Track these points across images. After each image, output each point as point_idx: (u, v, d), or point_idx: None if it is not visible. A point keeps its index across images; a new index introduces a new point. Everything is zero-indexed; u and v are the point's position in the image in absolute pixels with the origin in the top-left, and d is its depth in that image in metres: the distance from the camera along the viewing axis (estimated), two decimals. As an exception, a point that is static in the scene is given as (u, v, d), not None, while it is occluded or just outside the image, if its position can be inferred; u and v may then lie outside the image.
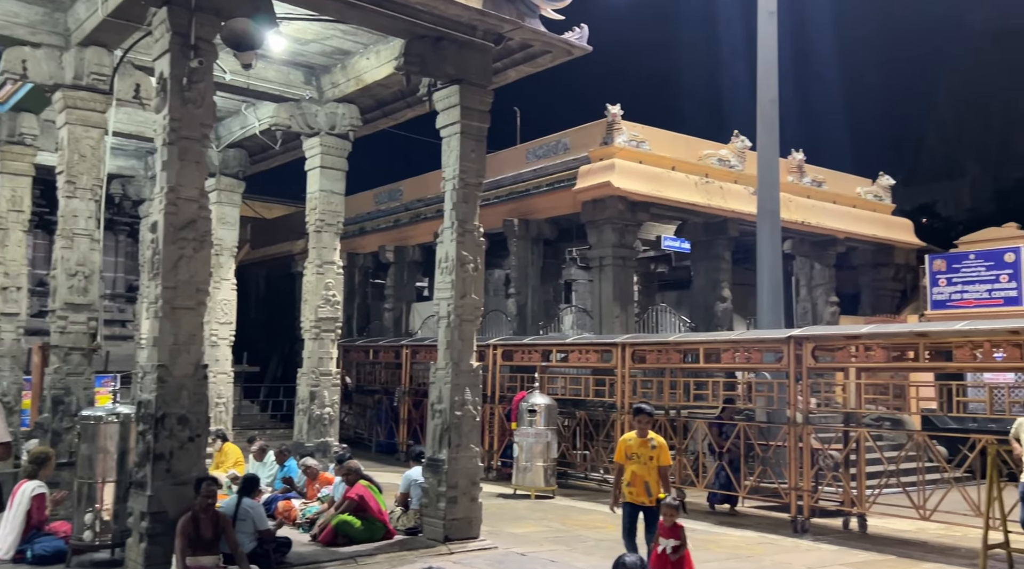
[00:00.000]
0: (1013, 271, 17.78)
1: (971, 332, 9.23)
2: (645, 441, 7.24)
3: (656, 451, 7.20)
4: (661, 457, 7.20)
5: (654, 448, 7.21)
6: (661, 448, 7.24)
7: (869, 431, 10.86)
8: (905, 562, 8.43)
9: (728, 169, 18.24)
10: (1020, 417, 8.33)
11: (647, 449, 7.20)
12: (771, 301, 13.58)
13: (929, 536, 9.66)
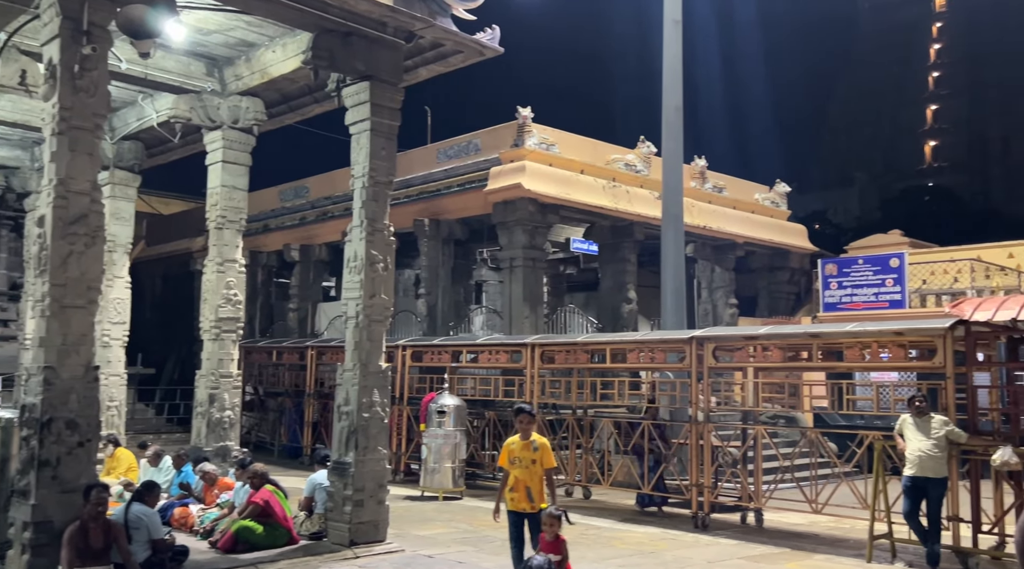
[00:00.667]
0: (897, 275, 18.81)
1: (860, 333, 9.71)
2: (527, 443, 6.75)
3: (539, 454, 6.70)
4: (544, 459, 6.70)
5: (536, 450, 6.71)
6: (544, 450, 6.75)
7: (766, 429, 11.28)
8: (799, 554, 8.79)
9: (634, 174, 18.65)
10: (903, 414, 8.80)
11: (529, 452, 6.71)
12: (675, 303, 13.96)
13: (820, 528, 10.12)
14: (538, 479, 6.67)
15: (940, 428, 8.31)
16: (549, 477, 6.75)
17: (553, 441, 12.83)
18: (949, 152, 67.72)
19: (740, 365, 11.41)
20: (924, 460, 8.20)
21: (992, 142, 66.09)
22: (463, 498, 12.13)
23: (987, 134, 66.29)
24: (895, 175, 67.27)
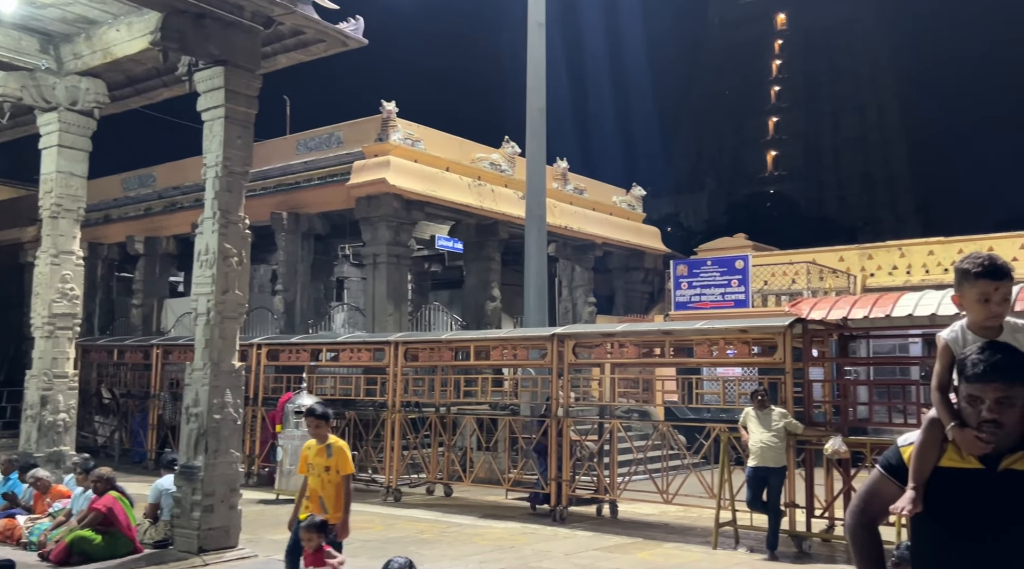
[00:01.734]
0: (742, 276, 19.95)
1: (708, 331, 10.22)
2: (322, 449, 6.10)
3: (333, 459, 6.05)
4: (341, 465, 6.06)
5: (331, 456, 6.06)
6: (340, 455, 6.09)
7: (621, 422, 11.67)
8: (650, 544, 9.15)
9: (499, 173, 18.82)
10: (747, 407, 9.34)
11: (323, 458, 6.07)
12: (537, 301, 14.17)
13: (671, 518, 10.58)
14: (333, 487, 6.06)
15: (779, 420, 8.86)
16: (346, 484, 6.10)
17: (415, 439, 12.76)
18: (788, 161, 72.76)
19: (598, 361, 11.74)
20: (765, 451, 8.73)
21: (826, 153, 71.61)
22: (321, 500, 11.80)
23: (822, 146, 71.76)
24: (741, 182, 71.58)
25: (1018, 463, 2.09)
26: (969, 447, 2.14)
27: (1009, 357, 2.11)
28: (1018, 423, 2.09)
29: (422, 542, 8.95)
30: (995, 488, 2.08)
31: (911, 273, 21.23)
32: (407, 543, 8.81)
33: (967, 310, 2.28)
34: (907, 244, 22.13)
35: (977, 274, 2.21)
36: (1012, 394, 2.07)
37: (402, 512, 10.97)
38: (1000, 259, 2.25)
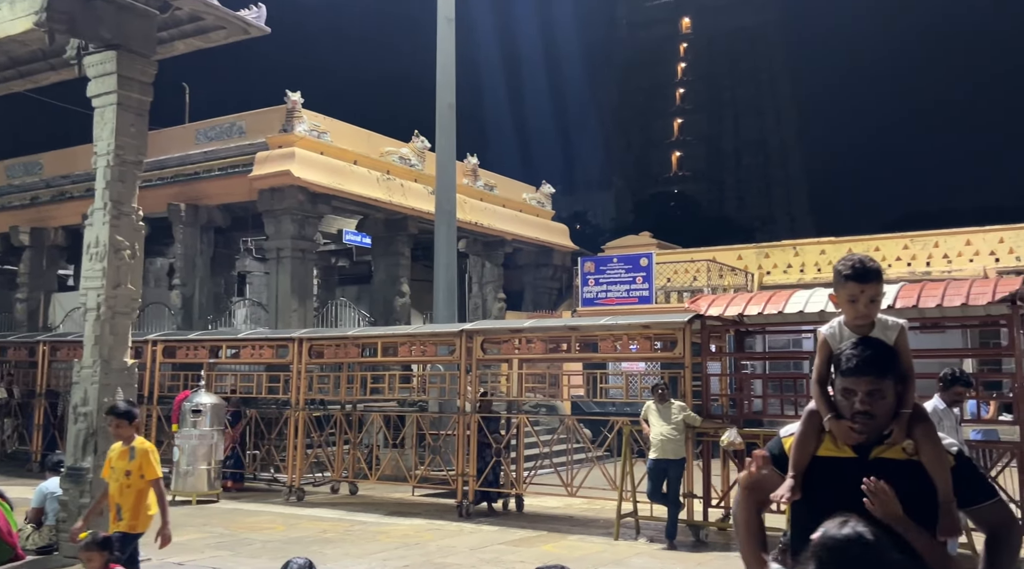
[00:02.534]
0: (646, 273, 20.44)
1: (613, 327, 10.44)
2: (125, 450, 5.60)
3: (136, 463, 5.55)
4: (145, 469, 5.55)
5: (133, 459, 5.56)
6: (143, 457, 5.57)
7: (528, 417, 11.78)
8: (554, 536, 9.28)
9: (409, 167, 18.67)
10: (648, 401, 9.58)
11: (125, 461, 5.57)
12: (446, 297, 14.15)
13: (575, 510, 10.75)
14: (133, 494, 5.55)
15: (679, 413, 9.13)
16: (156, 488, 5.63)
17: (320, 437, 12.53)
18: (692, 162, 74.97)
19: (506, 357, 11.83)
20: (665, 443, 8.98)
21: (727, 155, 74.13)
22: (219, 501, 11.46)
23: (723, 148, 74.25)
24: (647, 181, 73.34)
25: (888, 452, 2.23)
26: (844, 437, 2.26)
27: (880, 352, 2.24)
28: (889, 414, 2.23)
29: (325, 541, 8.81)
30: (867, 475, 2.21)
31: (804, 271, 22.22)
32: (309, 543, 8.66)
33: (841, 308, 2.41)
34: (801, 244, 23.15)
35: (847, 276, 2.33)
36: (882, 387, 2.20)
37: (305, 511, 10.77)
38: (870, 262, 2.34)
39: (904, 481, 2.16)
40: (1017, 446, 7.83)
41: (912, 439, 2.21)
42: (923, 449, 2.18)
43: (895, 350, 2.29)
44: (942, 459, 2.17)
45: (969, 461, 2.29)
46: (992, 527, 2.22)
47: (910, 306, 8.28)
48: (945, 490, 2.15)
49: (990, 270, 19.17)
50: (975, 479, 2.26)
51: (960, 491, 2.19)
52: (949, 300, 8.08)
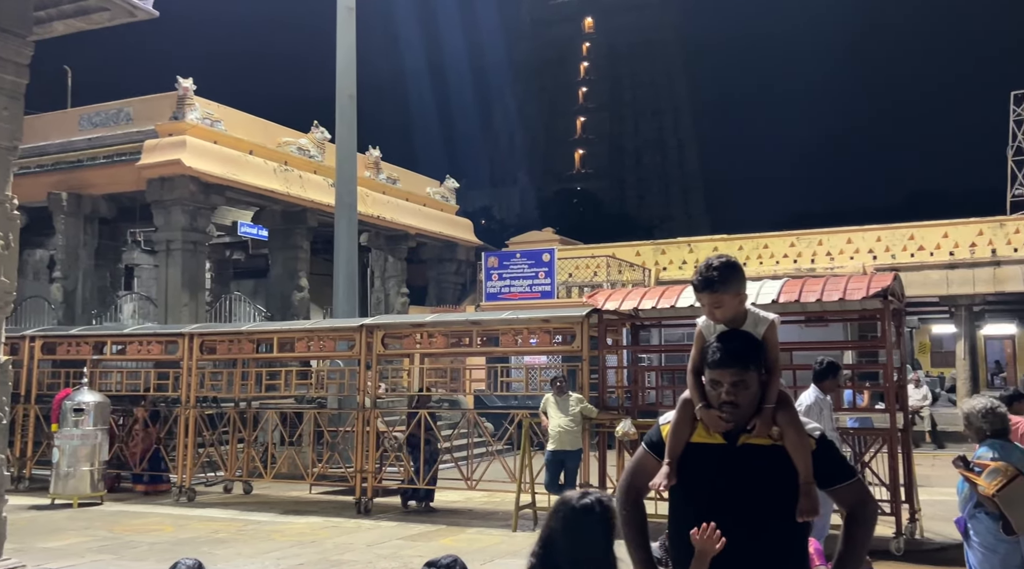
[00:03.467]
0: (548, 269, 20.73)
1: (513, 321, 10.54)
2: None
3: None
4: None
5: None
6: None
7: (430, 412, 11.75)
8: (453, 529, 9.31)
9: (308, 159, 18.28)
10: (547, 394, 9.73)
11: None
12: (347, 291, 13.95)
13: (476, 504, 10.81)
14: None
15: (576, 405, 9.32)
16: None
17: (212, 436, 12.14)
18: (594, 160, 76.41)
19: (408, 352, 11.74)
20: (563, 435, 9.15)
21: (627, 154, 75.90)
22: (103, 503, 10.95)
23: (624, 146, 75.97)
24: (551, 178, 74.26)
25: (754, 438, 2.35)
26: (713, 425, 2.37)
27: (744, 345, 2.36)
28: (754, 403, 2.34)
29: (216, 542, 8.55)
30: (735, 461, 2.32)
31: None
32: (200, 544, 8.39)
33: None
34: (695, 240, 23.97)
35: (694, 286, 2.46)
36: (746, 378, 2.31)
37: (196, 512, 10.42)
38: (714, 270, 2.39)
39: (769, 465, 2.29)
40: (887, 432, 8.35)
41: (776, 426, 2.33)
42: (786, 434, 2.30)
43: (761, 343, 2.40)
44: (803, 443, 2.29)
45: (831, 445, 2.39)
46: (850, 506, 2.36)
47: (793, 300, 8.70)
48: (805, 472, 2.27)
49: (869, 267, 20.35)
50: (835, 461, 2.38)
51: (821, 473, 2.31)
52: (828, 295, 8.53)
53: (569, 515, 2.35)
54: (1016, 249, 19.72)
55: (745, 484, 2.30)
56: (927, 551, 7.85)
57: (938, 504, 10.07)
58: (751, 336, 2.41)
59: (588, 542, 2.32)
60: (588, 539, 2.33)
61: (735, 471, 2.31)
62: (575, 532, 2.33)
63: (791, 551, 2.31)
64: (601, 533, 2.34)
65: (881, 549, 7.35)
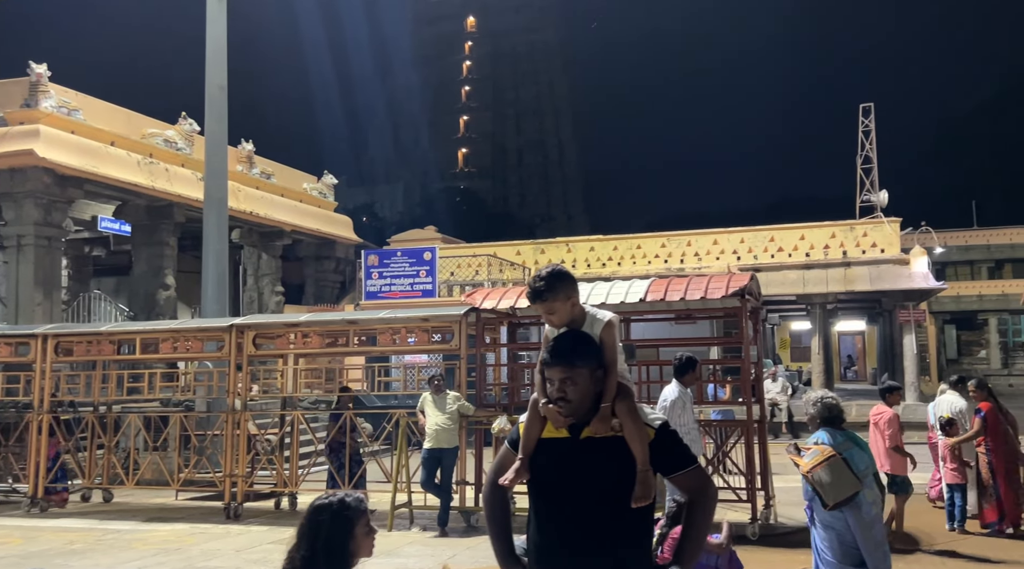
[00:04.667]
0: (430, 267, 20.71)
1: (391, 320, 10.46)
2: None
3: None
4: None
5: None
6: None
7: (303, 414, 11.51)
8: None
9: (175, 151, 17.50)
10: (425, 392, 9.72)
11: None
12: (216, 290, 13.46)
13: (351, 504, 10.66)
14: None
15: (454, 403, 9.38)
16: None
17: (69, 442, 11.44)
18: (477, 159, 76.79)
19: (281, 352, 11.45)
20: (440, 433, 9.18)
21: (510, 154, 76.69)
22: (-57, 519, 10.13)
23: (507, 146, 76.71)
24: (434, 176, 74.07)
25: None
26: (553, 420, 2.48)
27: (572, 344, 2.48)
28: (587, 398, 2.44)
29: (72, 553, 8.08)
30: (577, 453, 2.44)
31: (576, 267, 23.56)
32: (52, 556, 7.90)
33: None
34: (572, 240, 24.53)
35: (528, 297, 2.60)
36: (574, 375, 2.43)
37: (49, 522, 9.80)
38: (541, 280, 2.53)
39: (608, 456, 2.40)
40: (744, 424, 8.85)
41: (615, 417, 2.45)
42: (624, 425, 2.42)
43: (591, 342, 2.51)
44: (641, 433, 2.41)
45: (672, 433, 2.50)
46: (690, 492, 2.49)
47: (659, 299, 9.08)
48: (642, 460, 2.38)
49: (733, 267, 21.45)
50: (675, 450, 2.48)
51: (662, 461, 2.43)
52: (691, 294, 8.95)
53: (311, 514, 2.66)
54: (864, 251, 21.27)
55: (586, 475, 2.40)
56: (780, 534, 8.38)
57: (793, 490, 10.75)
58: (583, 335, 2.53)
59: (326, 538, 2.61)
60: (326, 535, 2.61)
61: (577, 463, 2.42)
62: (315, 529, 2.63)
63: (633, 538, 2.40)
64: (337, 529, 2.63)
65: (738, 534, 7.77)
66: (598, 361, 2.48)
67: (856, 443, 4.61)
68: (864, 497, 4.43)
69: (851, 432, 4.74)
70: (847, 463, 4.44)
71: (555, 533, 2.42)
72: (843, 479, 4.40)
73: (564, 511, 2.38)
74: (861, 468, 4.48)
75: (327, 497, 2.71)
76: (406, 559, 7.75)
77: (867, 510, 4.44)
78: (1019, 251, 44.06)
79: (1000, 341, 42.54)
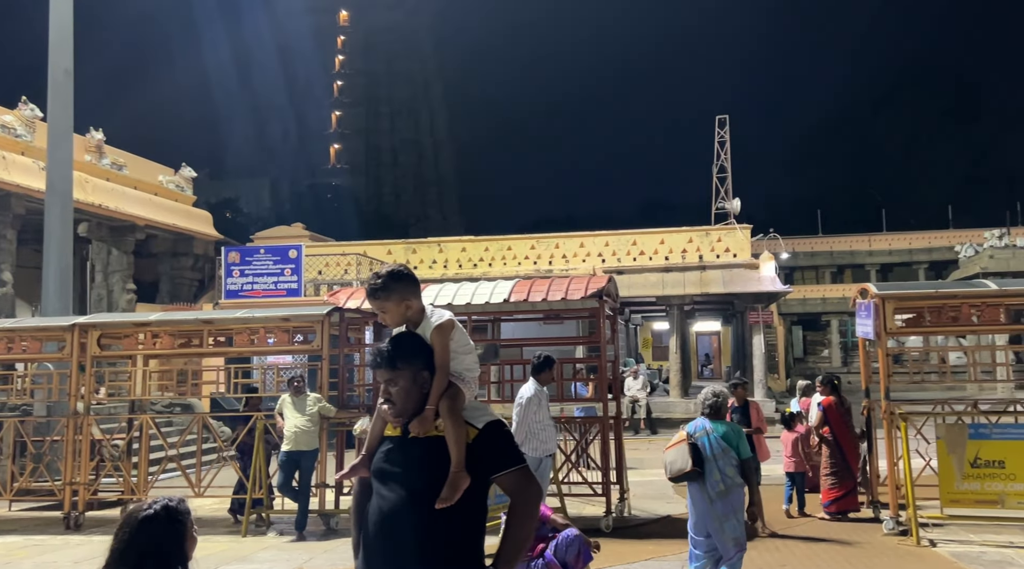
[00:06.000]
0: (295, 266, 20.16)
1: (250, 320, 10.13)
2: None
3: None
4: None
5: None
6: None
7: (153, 417, 10.96)
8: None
9: (14, 138, 16.25)
10: (284, 394, 9.47)
11: None
12: (58, 287, 12.60)
13: (205, 511, 10.25)
14: None
15: (314, 405, 9.20)
16: None
17: None
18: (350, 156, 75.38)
19: (128, 353, 10.85)
20: (299, 435, 8.98)
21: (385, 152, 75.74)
22: None
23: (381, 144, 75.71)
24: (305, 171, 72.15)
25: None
26: (388, 420, 2.51)
27: (397, 347, 2.51)
28: (410, 399, 2.47)
29: None
30: (404, 452, 2.47)
31: (448, 267, 23.62)
32: None
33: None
34: (444, 241, 24.56)
35: (367, 294, 2.61)
36: (396, 377, 2.46)
37: None
38: (378, 279, 2.55)
39: (429, 455, 2.42)
40: (601, 420, 9.15)
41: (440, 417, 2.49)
42: (445, 425, 2.44)
43: (418, 344, 2.54)
44: (457, 434, 2.41)
45: (499, 433, 2.49)
46: (512, 493, 2.48)
47: (522, 299, 9.25)
48: (456, 462, 2.38)
49: (598, 269, 22.13)
50: (499, 449, 2.47)
51: (484, 461, 2.43)
52: (552, 295, 9.17)
53: (140, 526, 2.45)
54: (718, 256, 22.45)
55: (405, 474, 2.42)
56: (632, 526, 8.73)
57: (648, 484, 11.24)
58: (409, 338, 2.56)
59: (159, 550, 2.44)
60: (159, 548, 2.44)
61: (402, 461, 2.45)
62: (144, 542, 2.43)
63: (446, 537, 2.38)
64: (171, 538, 2.48)
65: (593, 528, 8.05)
66: (424, 363, 2.49)
67: (724, 433, 5.33)
68: (711, 475, 5.18)
69: (727, 423, 5.50)
70: (695, 448, 5.25)
71: (377, 529, 2.43)
72: (681, 459, 5.23)
73: (383, 509, 2.40)
74: (713, 453, 5.23)
75: (148, 506, 2.50)
76: (259, 565, 7.52)
77: (712, 486, 5.16)
78: (859, 257, 47.74)
79: (841, 341, 45.92)
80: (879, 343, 8.32)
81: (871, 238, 48.09)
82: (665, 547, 7.68)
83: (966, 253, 34.78)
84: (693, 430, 5.36)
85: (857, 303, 8.99)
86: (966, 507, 7.65)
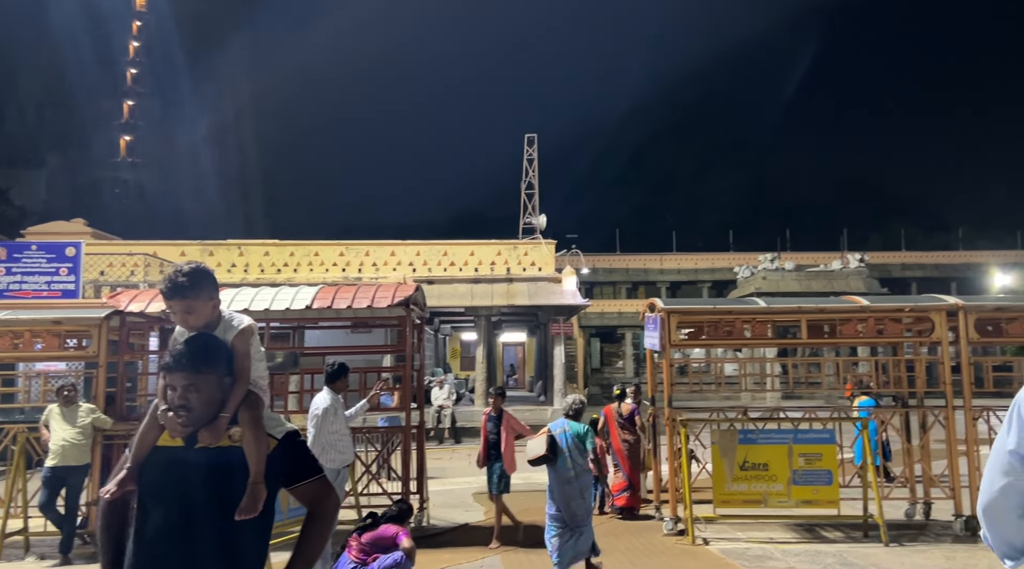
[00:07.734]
0: (73, 264, 18.38)
1: (12, 322, 9.11)
2: None
3: None
4: None
5: None
6: None
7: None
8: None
9: None
10: (52, 404, 8.58)
11: None
12: None
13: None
14: None
15: (87, 416, 8.38)
16: None
17: None
18: (144, 149, 70.05)
19: None
20: (67, 449, 8.15)
21: (183, 148, 71.13)
22: None
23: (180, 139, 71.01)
24: (90, 163, 66.15)
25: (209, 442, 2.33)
26: (171, 429, 2.31)
27: (197, 349, 2.35)
28: (211, 406, 2.32)
29: None
30: (189, 463, 2.29)
31: (248, 271, 22.54)
32: None
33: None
34: (245, 244, 23.43)
35: (163, 293, 2.43)
36: (197, 382, 2.30)
37: None
38: (184, 276, 2.40)
39: (222, 466, 2.28)
40: (403, 430, 9.08)
41: (237, 426, 2.34)
42: (244, 435, 2.32)
43: (222, 348, 2.40)
44: (258, 444, 2.31)
45: (297, 443, 2.42)
46: (310, 503, 2.41)
47: (326, 306, 8.99)
48: (255, 473, 2.28)
49: (409, 278, 22.04)
50: (298, 460, 2.40)
51: (283, 471, 2.35)
52: (358, 302, 9.00)
53: None
54: (524, 269, 23.12)
55: (196, 487, 2.26)
56: (430, 536, 8.70)
57: (449, 493, 11.29)
58: (213, 340, 2.41)
59: None
60: None
61: (189, 474, 2.27)
62: None
63: (240, 551, 2.29)
64: None
65: (391, 538, 7.93)
66: (227, 368, 2.37)
67: (577, 431, 6.48)
68: (564, 463, 6.35)
69: (582, 424, 6.57)
70: (552, 439, 6.42)
71: (164, 547, 2.23)
72: (539, 447, 6.41)
73: (169, 526, 2.22)
74: (568, 446, 6.39)
75: None
76: (13, 597, 6.72)
77: (562, 470, 6.35)
78: (651, 275, 51.09)
79: (634, 352, 48.84)
80: (664, 354, 8.91)
81: (663, 257, 51.59)
82: (462, 555, 7.72)
83: (743, 274, 38.08)
84: (555, 427, 6.52)
85: (646, 317, 9.58)
86: (735, 507, 8.34)
